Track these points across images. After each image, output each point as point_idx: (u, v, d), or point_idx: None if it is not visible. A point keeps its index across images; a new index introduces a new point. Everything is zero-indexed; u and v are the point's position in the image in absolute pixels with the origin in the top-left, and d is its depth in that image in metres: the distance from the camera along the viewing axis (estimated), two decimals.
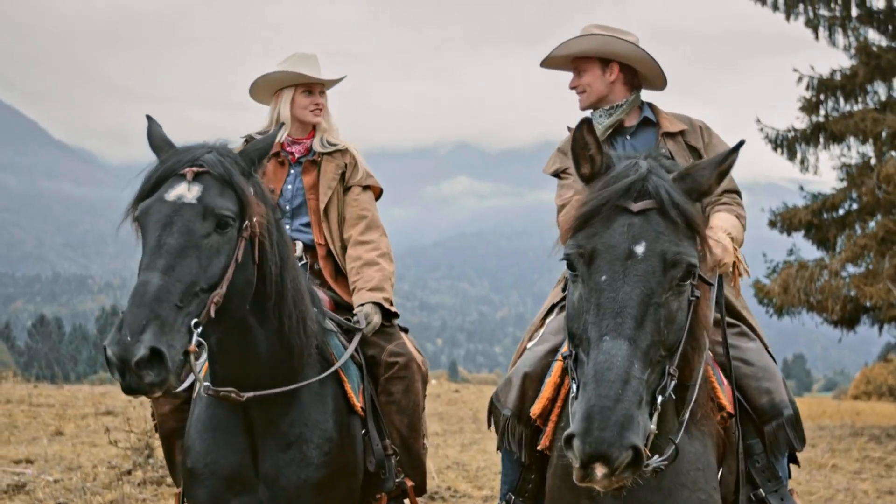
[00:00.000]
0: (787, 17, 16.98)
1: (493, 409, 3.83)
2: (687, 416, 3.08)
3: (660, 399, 2.74)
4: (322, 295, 4.50)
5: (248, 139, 4.78)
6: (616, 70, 4.26)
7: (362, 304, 4.47)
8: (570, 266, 2.90)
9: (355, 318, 4.40)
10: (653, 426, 2.69)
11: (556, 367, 3.62)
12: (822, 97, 16.78)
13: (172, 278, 3.13)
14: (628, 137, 4.28)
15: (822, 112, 17.04)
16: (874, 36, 16.83)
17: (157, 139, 3.62)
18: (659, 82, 4.40)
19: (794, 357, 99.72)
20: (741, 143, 3.13)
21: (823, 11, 16.89)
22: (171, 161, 3.45)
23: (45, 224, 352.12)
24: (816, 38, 16.99)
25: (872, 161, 16.35)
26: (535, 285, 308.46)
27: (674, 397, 2.93)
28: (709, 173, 2.94)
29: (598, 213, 2.87)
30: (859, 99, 16.56)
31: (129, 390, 3.04)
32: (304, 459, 3.86)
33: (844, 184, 16.95)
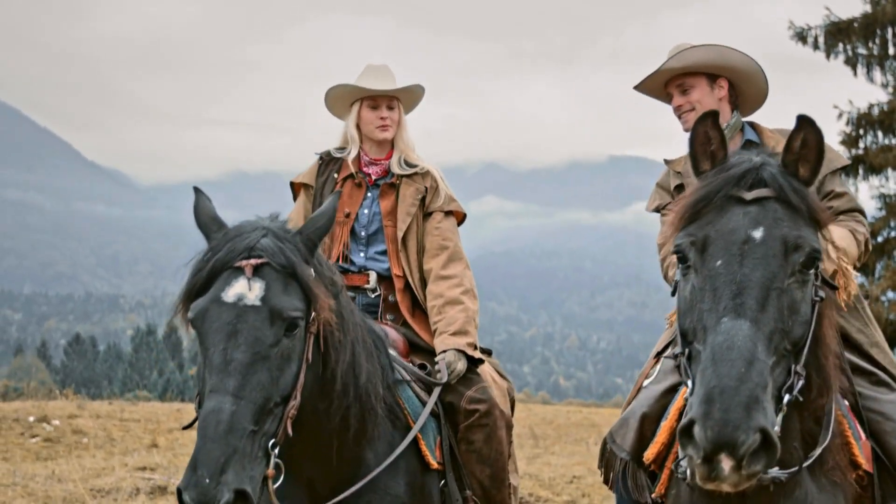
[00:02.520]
0: (828, 56, 17.90)
1: (606, 451, 3.66)
2: (818, 451, 2.85)
3: (786, 398, 2.54)
4: (395, 335, 4.23)
5: (324, 157, 4.60)
6: (725, 86, 4.03)
7: (444, 352, 4.16)
8: (682, 258, 2.74)
9: (437, 367, 4.12)
10: (777, 427, 2.45)
11: (673, 409, 3.41)
12: (861, 131, 17.69)
13: (245, 400, 2.83)
14: None
15: (861, 145, 17.94)
16: None
17: (204, 216, 3.23)
18: (759, 102, 4.17)
19: None
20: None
21: (862, 50, 17.81)
22: (223, 250, 3.06)
23: (78, 244, 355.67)
24: (855, 74, 17.92)
25: None
26: (563, 305, 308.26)
27: (801, 399, 2.65)
28: (812, 161, 2.76)
29: (709, 201, 2.73)
30: None
31: None
32: None
33: (883, 213, 17.88)
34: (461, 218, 4.58)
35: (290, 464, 3.25)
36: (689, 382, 2.58)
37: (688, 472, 2.43)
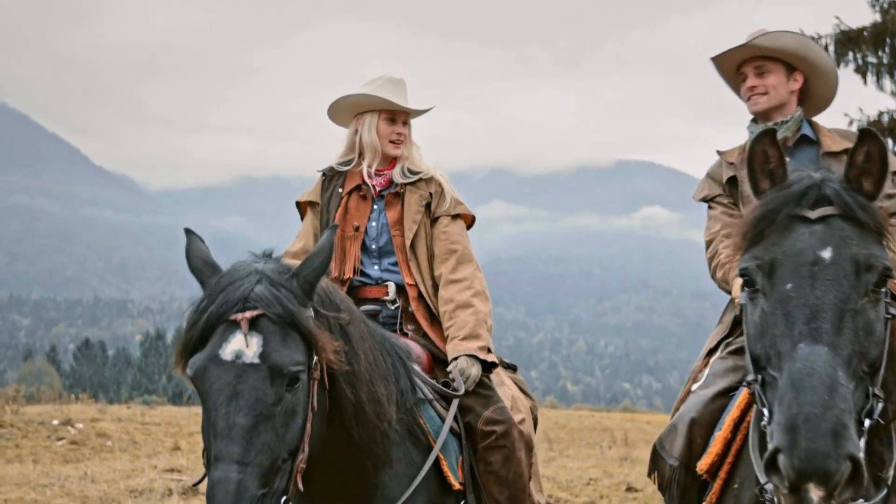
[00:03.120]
0: (838, 64, 18.12)
1: (655, 458, 3.63)
2: (892, 472, 2.74)
3: (867, 423, 2.43)
4: (419, 351, 4.15)
5: (327, 173, 4.53)
6: (801, 80, 3.98)
7: (456, 358, 4.08)
8: (749, 282, 2.67)
9: (451, 377, 4.05)
10: (861, 454, 2.33)
11: (728, 419, 3.32)
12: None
13: (252, 466, 2.75)
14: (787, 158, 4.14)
15: None
16: None
17: (196, 260, 3.11)
18: (822, 106, 4.14)
19: None
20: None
21: (871, 58, 18.06)
22: (217, 301, 2.94)
23: (87, 250, 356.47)
24: (865, 82, 18.14)
25: None
26: (570, 310, 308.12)
27: (881, 421, 2.56)
28: (876, 175, 2.68)
29: (771, 221, 2.65)
30: None
31: None
32: None
33: None
34: (470, 221, 4.51)
35: (305, 494, 3.23)
36: (766, 410, 2.51)
37: (774, 500, 2.38)
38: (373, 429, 3.38)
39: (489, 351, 4.13)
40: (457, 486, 3.83)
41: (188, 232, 3.19)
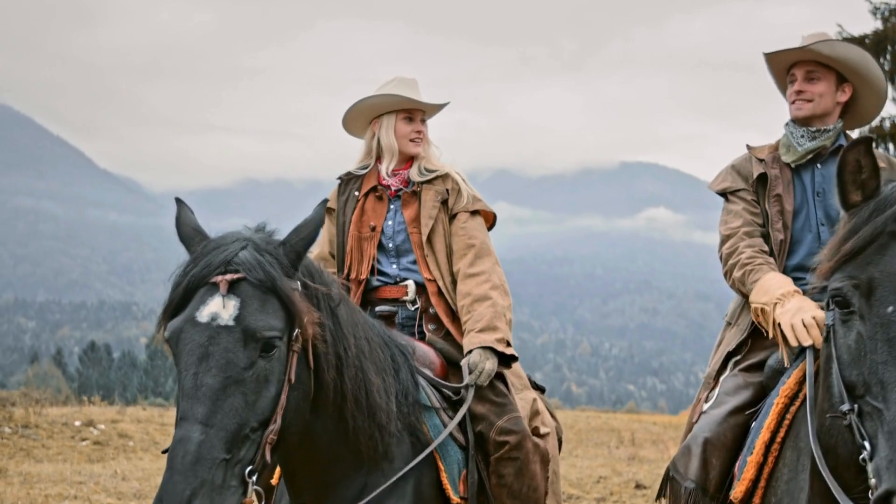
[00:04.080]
0: None
1: (670, 480, 3.53)
2: None
3: None
4: (432, 356, 4.07)
5: (344, 178, 4.54)
6: (849, 92, 3.90)
7: (469, 352, 3.96)
8: (843, 303, 2.51)
9: (462, 373, 3.94)
10: None
11: (759, 443, 3.20)
12: (874, 144, 18.36)
13: (215, 428, 2.65)
14: (819, 166, 3.88)
15: None
16: None
17: (186, 228, 3.10)
18: (868, 119, 4.09)
19: None
20: None
21: None
22: (200, 264, 2.92)
23: (91, 252, 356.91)
24: None
25: None
26: (575, 312, 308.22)
27: None
28: None
29: (867, 237, 2.48)
30: None
31: None
32: None
33: None
34: (491, 219, 4.49)
35: (292, 487, 3.25)
36: (867, 444, 2.35)
37: None
38: (362, 420, 3.29)
39: (508, 344, 4.00)
40: (455, 500, 3.68)
41: (178, 201, 3.16)
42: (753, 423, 3.34)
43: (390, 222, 4.36)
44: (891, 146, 18.42)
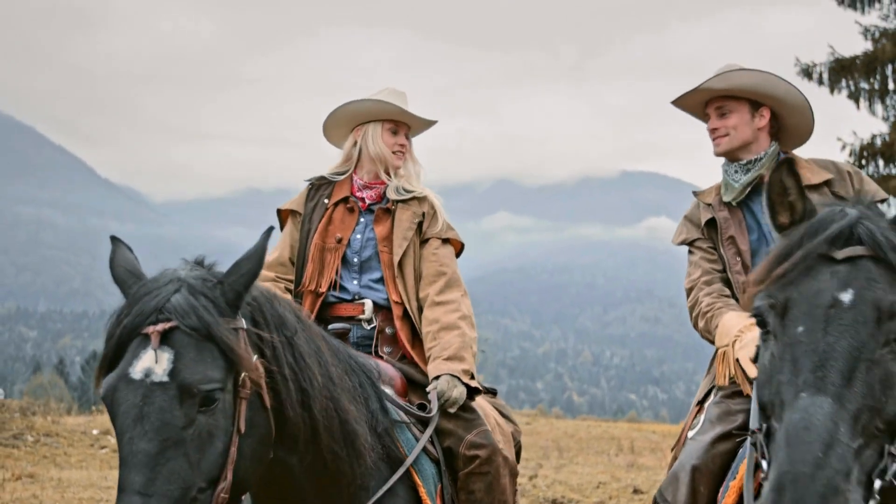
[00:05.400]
0: (832, 91, 19.14)
1: None
2: None
3: (878, 483, 2.23)
4: (392, 373, 3.92)
5: (315, 182, 4.40)
6: (767, 115, 3.79)
7: (437, 377, 3.86)
8: (761, 322, 2.49)
9: (429, 398, 3.84)
10: None
11: (742, 468, 3.10)
12: (863, 161, 18.92)
13: (156, 497, 2.48)
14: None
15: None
16: None
17: (120, 269, 2.88)
18: (803, 138, 3.94)
19: None
20: None
21: (864, 85, 19.07)
22: (132, 313, 2.69)
23: (92, 261, 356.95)
24: (858, 107, 19.17)
25: None
26: (576, 320, 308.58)
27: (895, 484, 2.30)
28: None
29: (793, 259, 2.44)
30: None
31: None
32: None
33: None
34: (459, 248, 4.37)
35: None
36: (765, 464, 2.37)
37: None
38: (340, 450, 3.16)
39: (473, 377, 3.93)
40: None
41: (114, 240, 2.97)
42: (741, 450, 3.27)
43: (358, 236, 4.21)
44: (881, 163, 18.99)
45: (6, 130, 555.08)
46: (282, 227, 4.43)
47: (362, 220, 4.25)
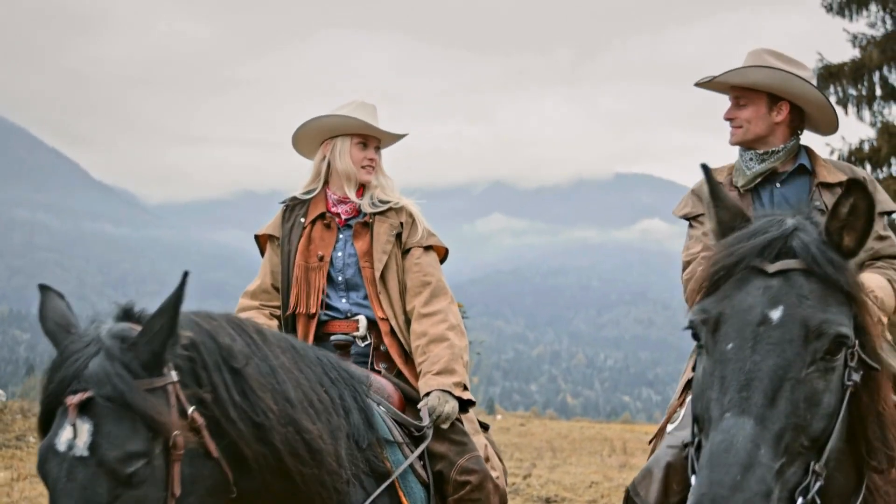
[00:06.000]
0: None
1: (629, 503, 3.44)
2: None
3: (800, 501, 2.24)
4: (390, 389, 3.85)
5: (289, 203, 4.29)
6: (785, 111, 3.77)
7: (428, 394, 3.77)
8: (694, 336, 2.50)
9: (421, 415, 3.75)
10: None
11: None
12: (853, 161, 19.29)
13: None
14: (778, 185, 3.78)
15: None
16: None
17: (50, 322, 2.75)
18: (829, 128, 3.94)
19: None
20: None
21: (852, 91, 19.43)
22: (55, 380, 2.60)
23: (87, 264, 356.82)
24: (846, 113, 19.52)
25: None
26: (570, 323, 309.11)
27: (818, 502, 2.31)
28: (859, 230, 2.45)
29: (729, 274, 2.44)
30: (883, 169, 19.13)
31: None
32: None
33: (890, 234, 19.68)
34: (443, 254, 4.28)
35: None
36: (693, 479, 2.37)
37: None
38: (309, 470, 3.00)
39: (465, 388, 3.86)
40: None
41: (42, 289, 2.83)
42: None
43: (340, 253, 4.12)
44: (868, 167, 19.30)
45: (0, 133, 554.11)
46: (262, 253, 4.34)
47: (341, 236, 4.15)
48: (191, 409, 2.67)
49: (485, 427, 4.22)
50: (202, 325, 2.87)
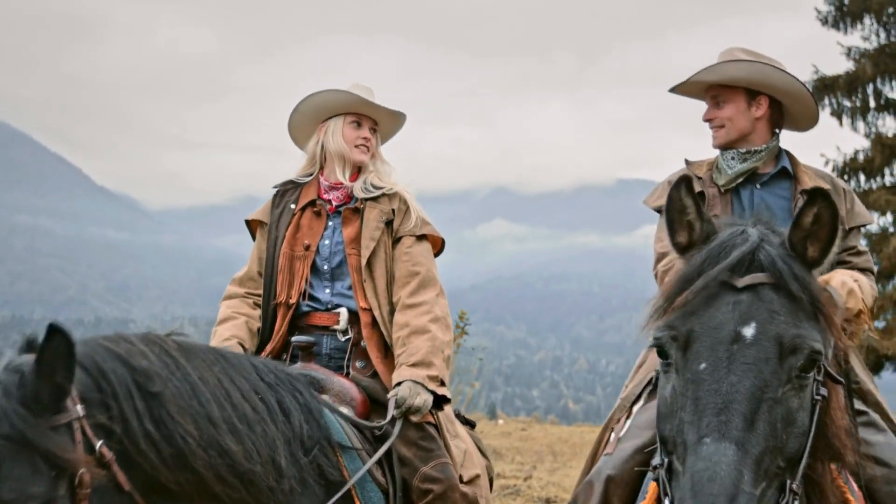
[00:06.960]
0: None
1: None
2: None
3: None
4: (354, 393, 3.65)
5: (282, 188, 4.15)
6: (765, 105, 3.69)
7: (399, 384, 3.56)
8: (661, 353, 2.41)
9: (392, 405, 3.56)
10: None
11: (652, 486, 2.93)
12: (846, 176, 19.66)
13: None
14: (758, 187, 3.70)
15: None
16: (891, 123, 19.88)
17: None
18: (809, 122, 3.84)
19: None
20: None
21: (846, 103, 19.83)
22: None
23: (89, 269, 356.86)
24: (840, 124, 19.93)
25: (890, 230, 19.37)
26: (572, 329, 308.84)
27: None
28: (823, 240, 2.40)
29: (696, 290, 2.37)
30: (877, 179, 19.52)
31: None
32: None
33: (867, 249, 20.01)
34: (439, 245, 4.10)
35: None
36: (667, 501, 2.30)
37: None
38: (239, 493, 2.84)
39: (442, 384, 3.66)
40: None
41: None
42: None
43: (327, 242, 3.96)
44: (862, 178, 19.71)
45: (2, 138, 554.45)
46: (253, 237, 4.23)
47: (330, 223, 3.99)
48: (98, 444, 2.52)
49: (470, 424, 4.10)
50: (113, 350, 2.73)
